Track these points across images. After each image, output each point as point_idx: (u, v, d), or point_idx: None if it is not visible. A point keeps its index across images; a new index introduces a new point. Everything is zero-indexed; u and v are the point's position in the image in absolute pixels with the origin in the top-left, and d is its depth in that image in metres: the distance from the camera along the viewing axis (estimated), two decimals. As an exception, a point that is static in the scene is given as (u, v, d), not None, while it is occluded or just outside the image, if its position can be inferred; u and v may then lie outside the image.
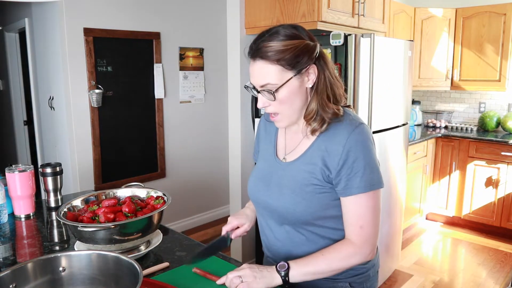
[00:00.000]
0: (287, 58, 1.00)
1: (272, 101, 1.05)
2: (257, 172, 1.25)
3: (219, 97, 4.02)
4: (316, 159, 1.08)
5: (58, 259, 0.98)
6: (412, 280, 2.98)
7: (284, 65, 1.01)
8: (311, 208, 1.08)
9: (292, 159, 1.14)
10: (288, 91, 1.03)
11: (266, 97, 1.05)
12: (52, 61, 3.26)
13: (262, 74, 1.03)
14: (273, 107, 1.07)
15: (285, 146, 1.19)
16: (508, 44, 3.68)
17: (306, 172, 1.09)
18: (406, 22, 3.78)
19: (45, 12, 3.24)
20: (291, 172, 1.12)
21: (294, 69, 1.02)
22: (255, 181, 1.23)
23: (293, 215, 1.10)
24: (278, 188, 1.13)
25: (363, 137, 1.06)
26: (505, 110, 4.05)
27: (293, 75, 1.02)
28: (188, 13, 3.67)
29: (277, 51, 1.00)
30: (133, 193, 1.39)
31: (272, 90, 1.02)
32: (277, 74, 1.01)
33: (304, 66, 1.03)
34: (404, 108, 2.85)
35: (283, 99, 1.04)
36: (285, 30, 1.03)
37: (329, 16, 2.49)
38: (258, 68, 1.03)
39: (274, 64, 1.01)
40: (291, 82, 1.03)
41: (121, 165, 3.40)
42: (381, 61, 2.48)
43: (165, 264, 1.21)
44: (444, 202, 3.93)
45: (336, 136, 1.06)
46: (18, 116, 4.55)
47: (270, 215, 1.18)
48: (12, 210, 1.64)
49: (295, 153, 1.14)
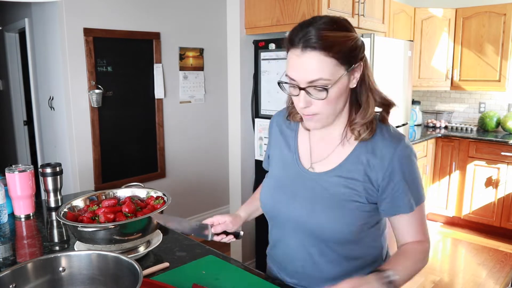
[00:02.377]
0: (344, 51, 0.88)
1: (318, 101, 0.90)
2: (274, 180, 1.10)
3: (219, 97, 4.02)
4: (357, 173, 0.97)
5: (58, 259, 0.98)
6: (412, 280, 2.97)
7: (339, 59, 0.87)
8: (350, 226, 0.97)
9: (323, 170, 1.01)
10: (338, 89, 0.90)
11: (312, 96, 0.90)
12: (52, 61, 3.25)
13: (313, 68, 0.87)
14: (316, 107, 0.92)
15: (310, 153, 1.05)
16: (508, 44, 3.68)
17: (345, 188, 0.97)
18: (406, 22, 3.78)
19: (45, 12, 3.24)
20: (326, 184, 1.00)
21: (346, 64, 0.89)
22: (272, 192, 1.09)
23: (327, 233, 0.98)
24: (308, 203, 1.00)
25: (407, 153, 0.97)
26: (505, 110, 4.05)
27: (345, 72, 0.90)
28: (188, 13, 3.67)
29: (334, 41, 0.86)
30: (133, 193, 1.39)
31: (325, 87, 0.88)
32: (331, 68, 0.87)
33: (355, 63, 0.91)
34: (404, 108, 2.85)
35: (331, 98, 0.90)
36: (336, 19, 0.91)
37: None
38: (309, 61, 0.87)
39: (330, 57, 0.86)
40: (342, 80, 0.90)
41: (121, 165, 3.40)
42: (381, 61, 2.48)
43: (165, 264, 1.21)
44: (444, 202, 3.93)
45: (378, 148, 0.96)
46: (18, 116, 4.55)
47: (292, 232, 1.05)
48: (12, 210, 1.64)
49: (327, 163, 1.01)
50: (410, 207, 0.97)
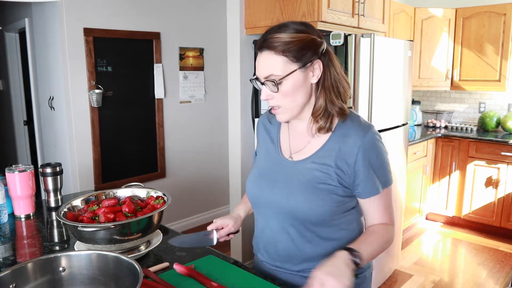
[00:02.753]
0: (292, 49, 1.01)
1: (275, 93, 1.05)
2: (258, 171, 1.22)
3: (219, 97, 4.02)
4: (329, 159, 1.08)
5: (58, 259, 0.98)
6: (412, 280, 2.98)
7: (289, 56, 1.01)
8: (323, 207, 1.07)
9: (301, 158, 1.12)
10: (291, 83, 1.03)
11: (269, 88, 1.05)
12: (52, 61, 3.26)
13: (266, 65, 1.03)
14: (276, 100, 1.06)
15: (290, 146, 1.16)
16: (508, 44, 3.68)
17: (319, 172, 1.08)
18: (406, 22, 3.78)
19: (45, 12, 3.24)
20: (302, 170, 1.10)
21: (298, 61, 1.02)
22: (256, 180, 1.20)
23: (303, 214, 1.08)
24: (286, 187, 1.11)
25: (374, 139, 1.08)
26: (505, 110, 4.05)
27: (297, 68, 1.02)
28: (188, 13, 3.67)
29: (283, 42, 1.00)
30: (133, 193, 1.39)
31: (275, 81, 1.02)
32: (281, 65, 1.01)
33: (309, 60, 1.03)
34: (404, 108, 2.85)
35: (286, 92, 1.04)
36: (294, 24, 1.05)
37: (329, 16, 2.49)
38: (263, 59, 1.04)
39: (279, 55, 1.01)
40: (295, 75, 1.03)
41: (121, 165, 3.40)
42: (381, 61, 2.48)
43: (165, 264, 1.21)
44: (444, 202, 3.93)
45: (349, 137, 1.07)
46: (18, 116, 4.55)
47: (274, 215, 1.15)
48: (12, 210, 1.64)
49: (303, 153, 1.12)
50: (377, 189, 1.08)
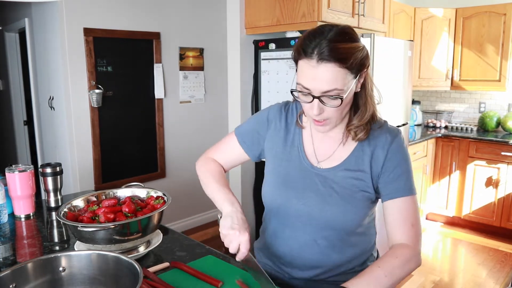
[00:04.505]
0: (357, 62, 0.92)
1: (330, 108, 0.95)
2: (282, 177, 1.11)
3: (219, 97, 4.02)
4: (364, 165, 1.04)
5: (58, 259, 0.98)
6: (412, 280, 2.98)
7: (351, 69, 0.92)
8: (359, 216, 1.04)
9: (331, 166, 1.06)
10: (349, 96, 0.96)
11: (326, 104, 0.94)
12: (52, 61, 3.25)
13: (327, 79, 0.91)
14: (327, 114, 0.97)
15: (315, 152, 1.09)
16: (508, 44, 3.68)
17: (354, 179, 1.04)
18: (406, 22, 3.78)
19: (45, 12, 3.24)
20: (335, 179, 1.05)
21: (355, 73, 0.94)
22: (280, 188, 1.10)
23: (341, 224, 1.04)
24: (318, 196, 1.05)
25: (404, 144, 1.07)
26: (505, 110, 4.05)
27: (353, 80, 0.95)
28: (188, 13, 3.67)
29: (348, 53, 0.91)
30: (133, 193, 1.39)
31: (340, 96, 0.93)
32: (343, 78, 0.92)
33: (363, 70, 0.97)
34: (404, 108, 2.85)
35: (343, 105, 0.96)
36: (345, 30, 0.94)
37: (329, 16, 2.49)
38: (325, 72, 0.91)
39: (344, 68, 0.91)
40: (352, 87, 0.95)
41: (121, 165, 3.40)
42: (381, 61, 2.48)
43: (165, 264, 1.21)
44: (444, 202, 3.93)
45: (379, 141, 1.04)
46: (18, 116, 4.55)
47: (302, 226, 1.07)
48: (12, 210, 1.64)
49: (333, 160, 1.07)
50: (409, 190, 1.04)
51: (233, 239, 0.97)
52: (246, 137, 1.20)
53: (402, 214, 1.03)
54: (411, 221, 1.02)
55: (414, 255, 1.00)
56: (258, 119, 1.20)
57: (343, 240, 1.07)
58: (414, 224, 1.02)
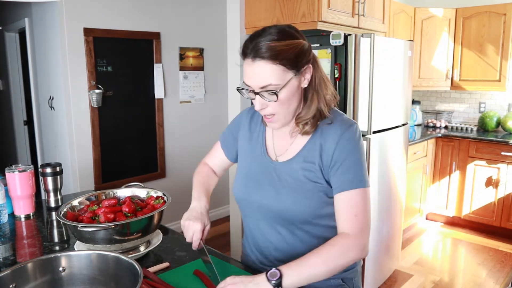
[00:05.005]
0: (289, 58, 0.98)
1: (272, 103, 1.02)
2: (245, 172, 1.20)
3: (219, 97, 4.02)
4: (314, 157, 1.08)
5: (58, 259, 0.98)
6: (412, 280, 2.98)
7: (285, 64, 0.98)
8: (311, 206, 1.08)
9: (286, 159, 1.12)
10: (288, 91, 1.02)
11: (266, 98, 1.02)
12: (52, 61, 3.26)
13: (262, 75, 0.99)
14: (271, 108, 1.04)
15: (274, 147, 1.17)
16: (508, 44, 3.68)
17: (305, 170, 1.08)
18: (406, 22, 3.78)
19: (45, 12, 3.24)
20: (288, 171, 1.11)
21: (294, 69, 1.00)
22: (244, 182, 1.19)
23: (292, 214, 1.09)
24: (273, 188, 1.11)
25: (356, 136, 1.08)
26: (505, 110, 4.05)
27: (293, 75, 1.01)
28: (188, 13, 3.67)
29: (280, 50, 0.97)
30: (133, 193, 1.39)
31: (275, 91, 0.99)
32: (279, 74, 0.98)
33: (303, 66, 1.02)
34: (404, 108, 2.85)
35: (283, 100, 1.02)
36: (282, 29, 1.01)
37: (329, 16, 2.49)
38: (259, 68, 0.99)
39: (276, 64, 0.98)
40: (291, 83, 1.01)
41: (121, 165, 3.40)
42: (381, 61, 2.48)
43: (165, 264, 1.21)
44: (444, 202, 3.93)
45: (330, 133, 1.08)
46: (18, 116, 4.55)
47: (263, 217, 1.15)
48: (12, 210, 1.64)
49: (288, 154, 1.13)
50: (358, 182, 1.05)
51: (188, 228, 1.11)
52: (225, 141, 1.32)
53: (346, 205, 1.04)
54: (355, 211, 1.03)
55: (355, 245, 1.01)
56: (233, 123, 1.31)
57: (303, 230, 1.11)
58: (358, 214, 1.03)
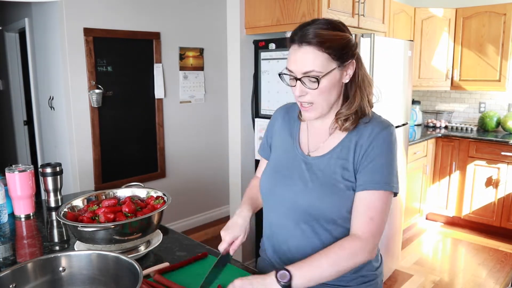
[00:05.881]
0: (336, 47, 0.99)
1: (313, 90, 1.02)
2: (274, 164, 1.19)
3: (219, 97, 4.02)
4: (348, 154, 1.06)
5: (58, 259, 0.98)
6: (412, 280, 2.98)
7: (331, 54, 0.99)
8: (339, 204, 1.04)
9: (319, 154, 1.10)
10: (329, 81, 1.02)
11: (306, 85, 1.02)
12: (52, 61, 3.26)
13: (308, 60, 0.99)
14: (310, 96, 1.04)
15: (308, 143, 1.15)
16: (508, 44, 3.67)
17: (338, 167, 1.06)
18: (406, 22, 3.78)
19: (45, 12, 3.24)
20: (320, 166, 1.08)
21: (338, 60, 1.01)
22: (272, 174, 1.17)
23: (318, 211, 1.05)
24: (302, 182, 1.09)
25: (390, 138, 1.06)
26: (505, 110, 4.05)
27: (336, 66, 1.01)
28: (188, 13, 3.67)
29: (327, 39, 0.99)
30: (133, 193, 1.39)
31: (317, 77, 1.00)
32: (323, 62, 0.99)
33: (347, 60, 1.03)
34: (404, 108, 2.85)
35: (323, 89, 1.02)
36: (332, 21, 1.03)
37: (329, 16, 2.49)
38: (304, 54, 1.00)
39: (322, 52, 0.99)
40: (334, 73, 1.02)
41: (121, 165, 3.40)
42: (381, 61, 2.48)
43: (165, 264, 1.21)
44: (444, 202, 3.93)
45: (366, 131, 1.06)
46: (18, 116, 4.55)
47: (287, 211, 1.11)
48: (12, 210, 1.64)
49: (322, 149, 1.11)
50: (383, 184, 1.02)
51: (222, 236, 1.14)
52: (264, 149, 1.29)
53: (365, 205, 1.02)
54: (372, 214, 1.01)
55: (364, 249, 1.00)
56: (267, 127, 1.30)
57: (325, 230, 1.07)
58: (374, 217, 1.01)
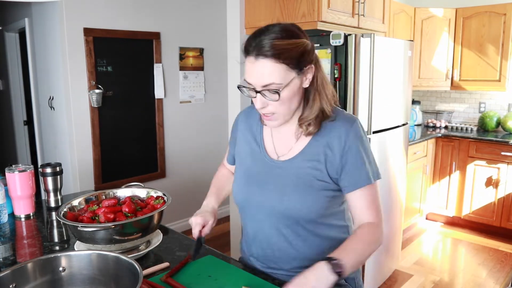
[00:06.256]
0: (293, 57, 0.97)
1: (273, 102, 1.00)
2: (245, 173, 1.18)
3: (219, 97, 4.02)
4: (319, 155, 1.07)
5: (58, 259, 0.98)
6: (412, 280, 2.98)
7: (289, 64, 0.97)
8: (317, 205, 1.06)
9: (289, 157, 1.11)
10: (290, 91, 1.00)
11: (267, 97, 1.00)
12: (52, 61, 3.25)
13: (266, 73, 0.97)
14: (272, 107, 1.02)
15: (275, 147, 1.15)
16: (508, 44, 3.67)
17: (310, 168, 1.07)
18: (406, 22, 3.78)
19: (45, 12, 3.24)
20: (293, 170, 1.09)
21: (296, 68, 0.99)
22: (244, 183, 1.17)
23: (298, 213, 1.07)
24: (278, 188, 1.09)
25: (361, 132, 1.08)
26: (505, 110, 4.05)
27: (295, 75, 0.99)
28: (188, 13, 3.67)
29: (284, 49, 0.96)
30: (133, 193, 1.39)
31: (277, 90, 0.98)
32: (282, 73, 0.97)
33: (305, 66, 1.01)
34: (404, 108, 2.85)
35: (285, 99, 1.01)
36: (286, 28, 0.99)
37: (329, 16, 2.49)
38: (261, 67, 0.97)
39: (280, 63, 0.96)
40: (293, 82, 1.00)
41: (121, 165, 3.40)
42: (381, 61, 2.48)
43: (165, 264, 1.21)
44: (444, 202, 3.93)
45: (335, 131, 1.07)
46: (18, 116, 4.55)
47: (266, 218, 1.12)
48: (12, 210, 1.64)
49: (291, 152, 1.11)
50: (368, 179, 1.06)
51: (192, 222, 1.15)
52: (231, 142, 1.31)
53: (363, 201, 1.07)
54: (373, 206, 1.07)
55: (381, 235, 1.07)
56: (231, 134, 1.31)
57: (307, 230, 1.09)
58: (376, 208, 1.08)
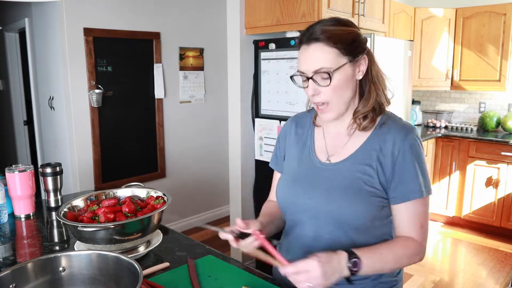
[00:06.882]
0: (344, 42, 0.98)
1: (325, 87, 0.99)
2: (291, 175, 1.15)
3: (219, 97, 4.02)
4: (370, 160, 1.03)
5: (58, 259, 0.98)
6: (412, 280, 2.98)
7: (340, 48, 0.97)
8: (365, 211, 1.01)
9: (340, 159, 1.07)
10: (342, 77, 0.99)
11: (319, 83, 0.99)
12: (52, 61, 3.25)
13: (317, 58, 0.98)
14: (324, 95, 1.01)
15: (326, 148, 1.11)
16: (508, 44, 3.67)
17: (361, 173, 1.03)
18: (406, 22, 3.78)
19: (45, 12, 3.24)
20: (342, 173, 1.05)
21: (349, 55, 0.99)
22: (289, 185, 1.13)
23: (346, 217, 1.02)
24: (325, 191, 1.05)
25: (418, 142, 1.04)
26: (505, 110, 4.05)
27: (347, 61, 0.99)
28: (188, 13, 3.67)
29: (335, 34, 0.98)
30: (133, 193, 1.39)
31: (329, 73, 0.97)
32: (333, 57, 0.97)
33: (358, 55, 1.01)
34: (404, 108, 2.85)
35: (336, 85, 0.99)
36: (338, 18, 1.03)
37: (329, 16, 2.48)
38: (313, 52, 0.98)
39: (331, 47, 0.97)
40: (345, 68, 0.99)
41: (121, 165, 3.40)
42: (381, 61, 2.48)
43: (165, 264, 1.21)
44: (444, 202, 3.93)
45: (390, 136, 1.03)
46: (18, 116, 4.55)
47: (310, 222, 1.08)
48: (12, 210, 1.64)
49: (342, 154, 1.07)
50: (421, 192, 1.01)
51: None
52: (277, 161, 1.26)
53: (411, 215, 1.02)
54: (420, 221, 1.03)
55: (420, 252, 1.04)
56: (277, 140, 1.28)
57: (352, 239, 1.04)
58: (423, 224, 1.03)
